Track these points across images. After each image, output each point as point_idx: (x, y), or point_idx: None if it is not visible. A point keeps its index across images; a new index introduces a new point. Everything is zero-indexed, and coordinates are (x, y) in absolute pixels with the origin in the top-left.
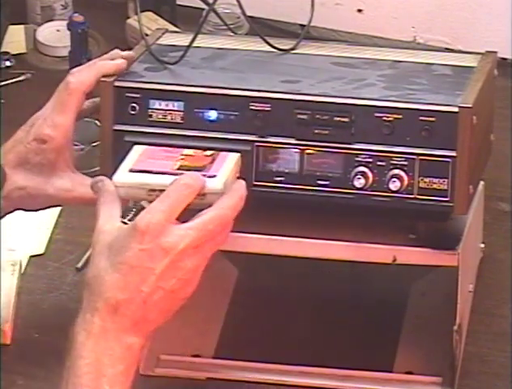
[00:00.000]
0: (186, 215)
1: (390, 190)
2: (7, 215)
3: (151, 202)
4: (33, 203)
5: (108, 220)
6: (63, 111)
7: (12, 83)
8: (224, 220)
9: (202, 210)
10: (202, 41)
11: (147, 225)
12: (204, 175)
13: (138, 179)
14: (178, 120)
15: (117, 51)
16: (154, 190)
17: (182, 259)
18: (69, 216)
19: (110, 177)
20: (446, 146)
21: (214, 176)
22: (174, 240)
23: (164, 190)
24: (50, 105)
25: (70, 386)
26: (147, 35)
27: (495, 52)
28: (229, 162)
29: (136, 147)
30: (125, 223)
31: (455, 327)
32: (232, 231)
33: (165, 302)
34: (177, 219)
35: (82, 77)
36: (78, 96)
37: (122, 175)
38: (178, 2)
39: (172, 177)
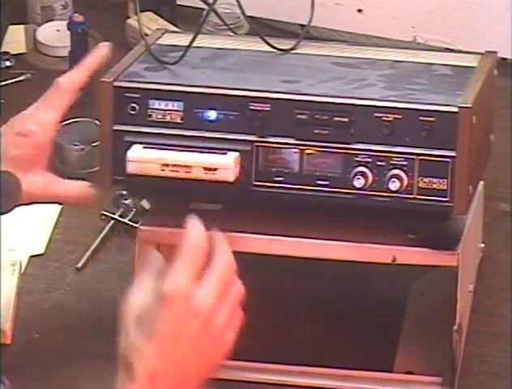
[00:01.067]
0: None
1: (389, 190)
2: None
3: (163, 177)
4: None
5: (138, 289)
6: (49, 108)
7: (12, 83)
8: (230, 263)
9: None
10: (202, 41)
11: (176, 292)
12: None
13: (152, 154)
14: (178, 120)
15: (99, 45)
16: (167, 165)
17: (212, 317)
18: (69, 216)
19: (110, 177)
20: (446, 146)
21: (225, 153)
22: (202, 301)
23: (176, 165)
24: (37, 103)
25: None
26: (146, 35)
27: (495, 52)
28: None
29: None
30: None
31: (455, 327)
32: (232, 231)
33: (200, 365)
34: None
35: (70, 76)
36: (65, 94)
37: (136, 151)
38: (178, 2)
39: (184, 153)
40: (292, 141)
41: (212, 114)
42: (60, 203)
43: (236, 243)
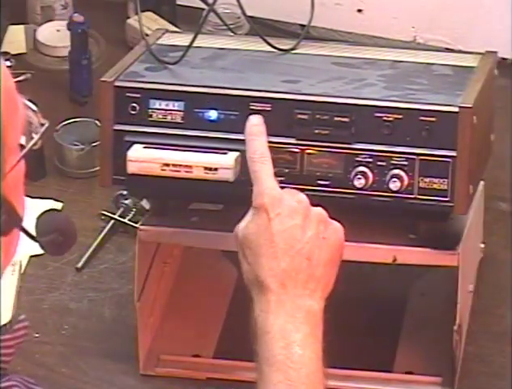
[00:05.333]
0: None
1: (390, 190)
2: None
3: (163, 177)
4: None
5: (243, 221)
6: None
7: None
8: None
9: None
10: (202, 41)
11: (267, 198)
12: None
13: (152, 154)
14: (178, 120)
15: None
16: (167, 165)
17: (309, 207)
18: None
19: (110, 177)
20: (446, 146)
21: (226, 153)
22: (296, 196)
23: (176, 165)
24: None
25: (264, 361)
26: (147, 35)
27: (495, 52)
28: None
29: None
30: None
31: (455, 327)
32: (232, 231)
33: (324, 252)
34: None
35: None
36: None
37: (137, 151)
38: (178, 2)
39: (184, 153)
40: (293, 141)
41: (213, 114)
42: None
43: None
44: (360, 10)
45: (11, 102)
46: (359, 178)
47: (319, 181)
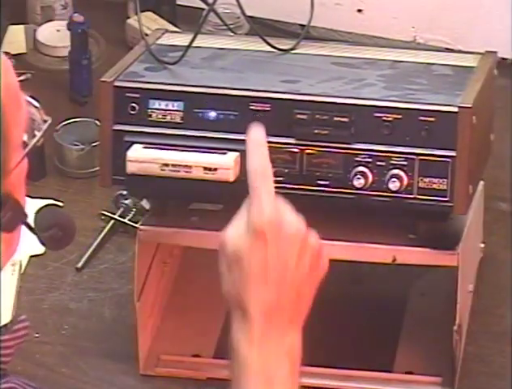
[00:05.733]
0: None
1: (389, 190)
2: None
3: (163, 177)
4: None
5: (233, 227)
6: None
7: None
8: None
9: None
10: (202, 41)
11: (267, 222)
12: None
13: (152, 154)
14: (178, 120)
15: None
16: (167, 165)
17: (307, 237)
18: None
19: (110, 177)
20: (446, 146)
21: (225, 153)
22: (294, 225)
23: (176, 165)
24: None
25: None
26: (146, 35)
27: (495, 52)
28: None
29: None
30: (116, 219)
31: (455, 327)
32: None
33: (313, 287)
34: None
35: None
36: None
37: (136, 151)
38: (178, 2)
39: (184, 153)
40: (293, 141)
41: (212, 114)
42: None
43: None
44: (360, 10)
45: (15, 99)
46: (358, 178)
47: (319, 181)
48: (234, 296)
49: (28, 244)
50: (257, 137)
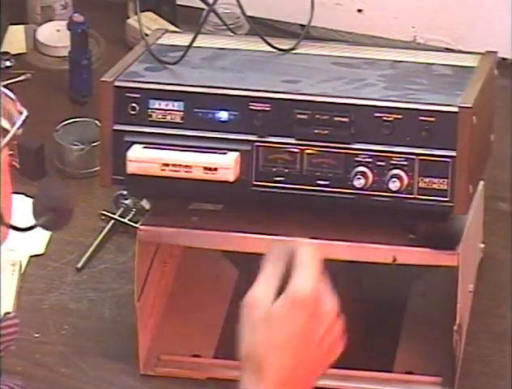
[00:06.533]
0: None
1: (389, 190)
2: None
3: (163, 177)
4: None
5: (263, 288)
6: None
7: (12, 83)
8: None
9: None
10: (202, 41)
11: (309, 296)
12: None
13: (152, 154)
14: (178, 120)
15: None
16: (167, 165)
17: (336, 322)
18: None
19: (110, 177)
20: (446, 146)
21: (225, 153)
22: (330, 305)
23: (176, 165)
24: None
25: None
26: (146, 35)
27: (495, 52)
28: None
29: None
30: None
31: (455, 327)
32: (232, 231)
33: (323, 364)
34: None
35: None
36: None
37: (136, 151)
38: (178, 2)
39: (184, 153)
40: (293, 141)
41: (212, 114)
42: None
43: (237, 243)
44: (360, 10)
45: None
46: (358, 178)
47: (319, 181)
48: (253, 356)
49: (28, 244)
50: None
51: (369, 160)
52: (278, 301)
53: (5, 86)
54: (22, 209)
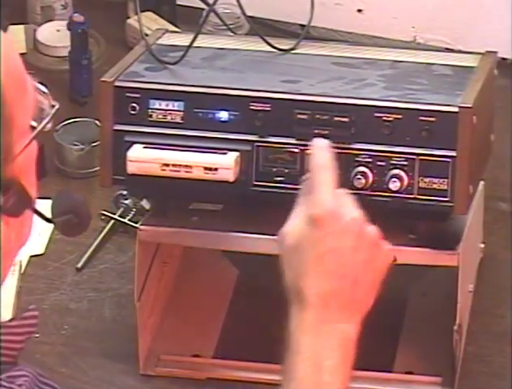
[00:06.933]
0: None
1: (390, 190)
2: None
3: (163, 177)
4: None
5: (291, 220)
6: None
7: None
8: None
9: None
10: (202, 41)
11: (325, 212)
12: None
13: (152, 154)
14: (178, 120)
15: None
16: (167, 165)
17: (363, 227)
18: None
19: (110, 177)
20: (446, 146)
21: (225, 153)
22: (351, 213)
23: (176, 165)
24: None
25: (291, 381)
26: (147, 35)
27: (495, 52)
28: None
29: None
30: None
31: (455, 327)
32: (232, 231)
33: (370, 276)
34: None
35: None
36: None
37: (136, 151)
38: (178, 2)
39: (184, 153)
40: (293, 141)
41: (213, 114)
42: None
43: (237, 243)
44: (360, 10)
45: (18, 82)
46: (359, 178)
47: None
48: (293, 285)
49: (28, 244)
50: (321, 144)
51: (369, 160)
52: (300, 228)
53: None
54: None
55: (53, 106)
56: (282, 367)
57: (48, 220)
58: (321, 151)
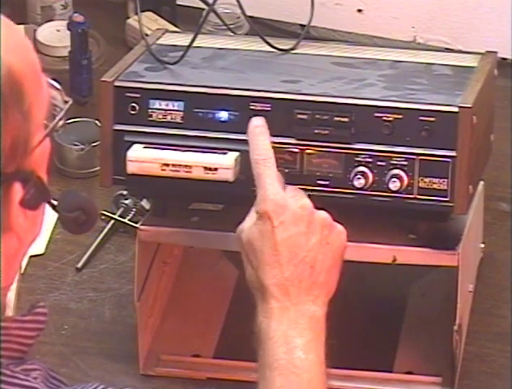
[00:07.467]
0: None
1: (390, 190)
2: None
3: (163, 177)
4: None
5: (247, 218)
6: None
7: None
8: None
9: None
10: (202, 41)
11: (271, 205)
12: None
13: (152, 154)
14: (178, 120)
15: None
16: (167, 165)
17: (313, 212)
18: None
19: (110, 177)
20: (446, 146)
21: (225, 153)
22: (299, 201)
23: (176, 165)
24: None
25: (266, 366)
26: (147, 35)
27: (495, 52)
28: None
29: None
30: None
31: (455, 327)
32: (232, 231)
33: (327, 258)
34: None
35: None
36: None
37: (136, 151)
38: (178, 2)
39: (184, 153)
40: (293, 141)
41: (213, 114)
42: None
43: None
44: (360, 10)
45: (36, 78)
46: (359, 178)
47: (319, 182)
48: (254, 279)
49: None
50: (256, 126)
51: (369, 160)
52: (252, 225)
53: None
54: None
55: (66, 102)
56: (258, 355)
57: (60, 215)
58: (256, 140)
